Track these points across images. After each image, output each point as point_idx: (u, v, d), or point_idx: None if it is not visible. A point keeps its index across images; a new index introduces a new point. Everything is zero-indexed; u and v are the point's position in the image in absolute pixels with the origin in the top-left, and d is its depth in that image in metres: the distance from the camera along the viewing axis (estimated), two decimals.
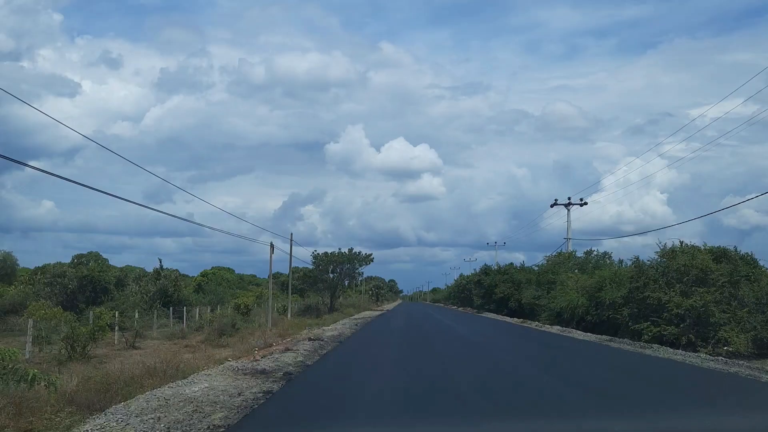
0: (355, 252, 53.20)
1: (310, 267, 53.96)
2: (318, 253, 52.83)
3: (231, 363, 14.44)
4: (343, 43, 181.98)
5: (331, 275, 52.98)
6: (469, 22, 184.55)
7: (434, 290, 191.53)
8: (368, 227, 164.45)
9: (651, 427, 8.05)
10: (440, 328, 32.82)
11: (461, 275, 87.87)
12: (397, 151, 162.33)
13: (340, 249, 53.57)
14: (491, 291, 55.00)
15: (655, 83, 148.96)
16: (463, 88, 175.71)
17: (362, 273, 54.54)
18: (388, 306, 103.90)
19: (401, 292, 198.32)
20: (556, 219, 77.25)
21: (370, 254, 53.68)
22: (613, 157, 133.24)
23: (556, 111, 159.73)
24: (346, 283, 56.60)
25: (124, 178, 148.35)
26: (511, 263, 57.76)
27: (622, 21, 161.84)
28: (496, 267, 58.20)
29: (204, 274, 72.33)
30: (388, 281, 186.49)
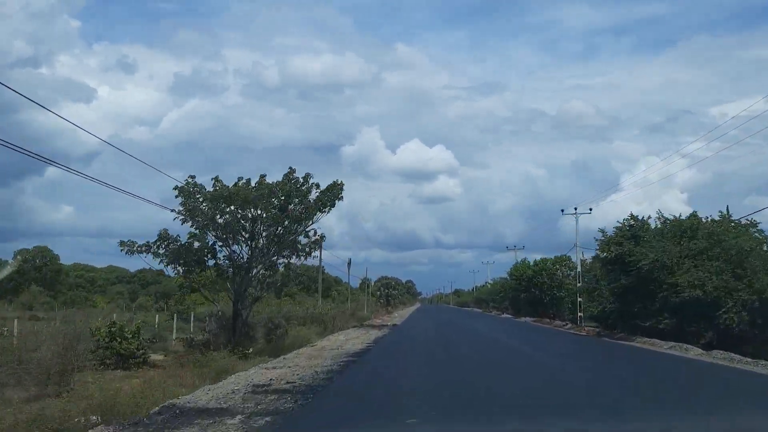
0: (295, 178, 19.48)
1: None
2: (192, 184, 19.30)
3: None
4: (358, 44, 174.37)
5: (219, 247, 19.49)
6: (485, 22, 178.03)
7: (457, 292, 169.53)
8: (385, 229, 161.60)
9: None
10: None
11: (524, 262, 53.24)
12: (413, 153, 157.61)
13: (264, 176, 20.08)
14: (650, 281, 20.96)
15: (674, 81, 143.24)
16: (479, 88, 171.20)
17: (317, 232, 20.42)
18: (401, 314, 69.67)
19: (420, 294, 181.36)
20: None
21: (339, 183, 19.69)
22: (632, 156, 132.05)
23: (572, 110, 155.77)
24: (287, 260, 21.93)
25: (141, 182, 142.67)
26: (695, 212, 23.52)
27: (640, 19, 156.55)
28: (658, 223, 23.50)
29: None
30: (405, 282, 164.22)
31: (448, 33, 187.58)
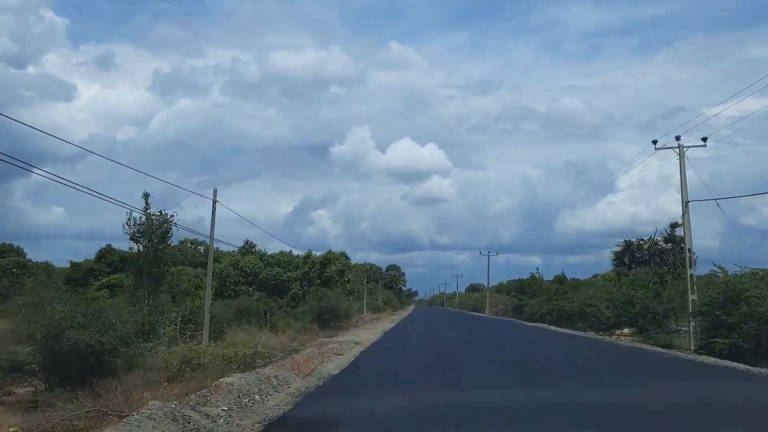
0: None
1: None
2: None
3: None
4: (346, 42, 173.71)
5: None
6: (487, 23, 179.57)
7: (477, 288, 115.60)
8: (380, 231, 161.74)
9: None
10: None
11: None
12: (408, 152, 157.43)
13: None
14: None
15: (672, 81, 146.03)
16: (474, 87, 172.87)
17: None
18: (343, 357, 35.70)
19: (416, 295, 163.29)
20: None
21: None
22: (626, 156, 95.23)
23: (568, 109, 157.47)
24: None
25: (132, 181, 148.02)
26: None
27: (642, 19, 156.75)
28: None
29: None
30: (387, 270, 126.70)
31: (449, 34, 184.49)
